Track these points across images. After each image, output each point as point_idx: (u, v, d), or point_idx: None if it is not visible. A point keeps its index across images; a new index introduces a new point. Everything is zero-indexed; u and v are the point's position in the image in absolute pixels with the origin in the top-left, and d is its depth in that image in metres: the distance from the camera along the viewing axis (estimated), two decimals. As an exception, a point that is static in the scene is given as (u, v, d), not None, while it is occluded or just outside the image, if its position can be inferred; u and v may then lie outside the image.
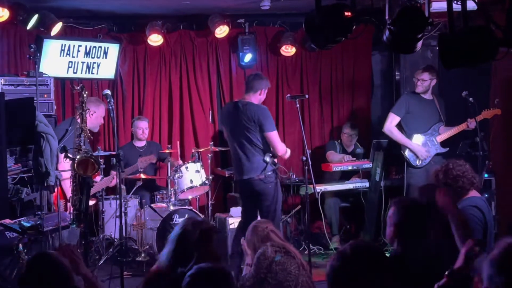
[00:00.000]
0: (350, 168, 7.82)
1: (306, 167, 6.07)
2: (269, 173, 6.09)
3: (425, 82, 7.24)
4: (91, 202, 5.97)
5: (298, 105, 6.36)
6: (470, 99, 6.85)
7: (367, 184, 7.71)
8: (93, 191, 6.23)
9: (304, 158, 6.10)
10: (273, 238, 4.65)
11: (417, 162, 7.22)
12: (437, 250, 3.64)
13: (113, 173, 7.08)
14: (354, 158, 8.02)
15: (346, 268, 2.47)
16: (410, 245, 3.56)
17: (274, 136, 6.10)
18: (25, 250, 5.19)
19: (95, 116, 6.77)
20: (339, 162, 7.90)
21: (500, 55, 4.40)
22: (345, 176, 8.04)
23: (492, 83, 7.66)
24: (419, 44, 4.71)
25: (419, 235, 3.56)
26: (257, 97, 6.26)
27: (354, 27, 4.65)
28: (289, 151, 6.32)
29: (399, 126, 7.38)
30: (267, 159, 6.06)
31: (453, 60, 4.35)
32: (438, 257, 3.54)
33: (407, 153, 7.25)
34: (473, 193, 4.55)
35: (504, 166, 7.51)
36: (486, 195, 7.18)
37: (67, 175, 5.80)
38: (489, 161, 7.21)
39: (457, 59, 4.32)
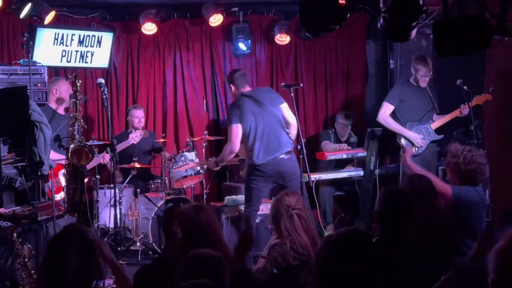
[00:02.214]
0: (344, 156, 7.82)
1: (301, 156, 6.07)
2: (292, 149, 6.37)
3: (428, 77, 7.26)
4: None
5: (292, 94, 6.36)
6: (465, 87, 6.85)
7: (361, 173, 7.70)
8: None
9: (299, 147, 6.10)
10: (296, 225, 4.23)
11: (413, 150, 7.23)
12: (416, 240, 3.64)
13: (106, 155, 7.02)
14: (350, 147, 8.02)
15: (330, 253, 2.47)
16: (388, 232, 3.57)
17: (287, 107, 6.51)
18: (20, 240, 5.19)
19: (59, 92, 6.68)
20: (335, 151, 7.90)
21: (494, 44, 4.41)
22: (340, 164, 8.05)
23: (486, 71, 7.67)
24: (414, 32, 4.72)
25: (397, 223, 3.56)
26: None
27: (348, 15, 4.64)
28: None
29: (393, 115, 7.38)
30: (289, 134, 6.30)
31: (448, 49, 4.35)
32: (417, 248, 3.54)
33: (403, 141, 7.26)
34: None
35: (498, 154, 7.53)
36: (480, 184, 7.20)
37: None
38: (483, 149, 7.21)
39: (452, 48, 4.32)
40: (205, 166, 7.27)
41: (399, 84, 7.64)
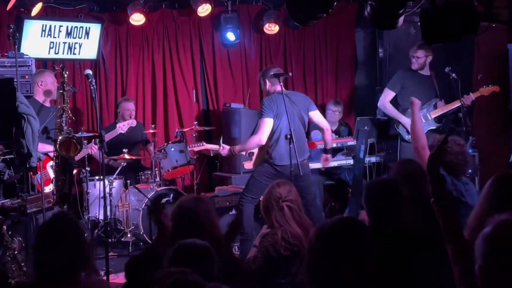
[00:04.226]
0: (334, 145, 7.81)
1: (291, 145, 6.06)
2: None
3: (420, 59, 7.27)
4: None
5: (281, 84, 6.34)
6: (453, 74, 6.86)
7: (351, 162, 7.71)
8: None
9: (288, 136, 6.10)
10: (287, 217, 4.27)
11: (409, 136, 7.27)
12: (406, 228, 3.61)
13: (93, 145, 6.97)
14: (337, 136, 8.02)
15: (323, 241, 2.44)
16: (376, 222, 3.54)
17: (319, 112, 6.69)
18: (9, 232, 5.18)
19: (44, 84, 6.64)
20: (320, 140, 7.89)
21: (482, 30, 4.41)
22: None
23: (475, 58, 7.68)
24: (401, 19, 4.71)
25: (384, 212, 3.53)
26: None
27: (335, 3, 4.64)
28: None
29: (396, 102, 7.42)
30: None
31: (435, 35, 4.35)
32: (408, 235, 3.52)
33: (400, 127, 7.31)
34: None
35: (487, 141, 7.56)
36: (470, 171, 7.23)
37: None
38: (473, 137, 7.25)
39: (439, 34, 4.33)
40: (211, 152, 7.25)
41: (401, 71, 7.64)
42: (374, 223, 3.53)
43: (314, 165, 7.63)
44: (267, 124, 6.26)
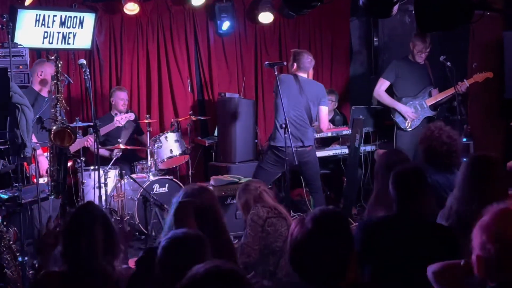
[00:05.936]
0: (329, 135, 7.84)
1: (286, 134, 6.07)
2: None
3: (428, 52, 7.28)
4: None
5: (276, 72, 6.33)
6: (448, 63, 6.86)
7: (346, 151, 7.72)
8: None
9: (284, 125, 6.10)
10: (265, 198, 4.67)
11: (406, 124, 7.29)
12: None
13: (90, 137, 6.97)
14: (332, 126, 8.03)
15: (304, 233, 2.42)
16: (399, 208, 3.51)
17: (326, 110, 6.72)
18: (4, 223, 5.17)
19: (44, 74, 6.63)
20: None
21: (476, 18, 4.41)
22: (325, 143, 8.06)
23: (470, 47, 7.68)
24: (395, 8, 4.70)
25: (407, 199, 3.49)
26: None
27: (329, -9, 4.63)
28: None
29: (391, 91, 7.44)
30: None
31: (430, 24, 4.35)
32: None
33: (396, 116, 7.32)
34: None
35: (482, 130, 7.56)
36: (465, 160, 7.24)
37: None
38: (467, 125, 7.26)
39: (433, 23, 4.32)
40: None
41: (396, 60, 7.66)
42: (401, 210, 3.45)
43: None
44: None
